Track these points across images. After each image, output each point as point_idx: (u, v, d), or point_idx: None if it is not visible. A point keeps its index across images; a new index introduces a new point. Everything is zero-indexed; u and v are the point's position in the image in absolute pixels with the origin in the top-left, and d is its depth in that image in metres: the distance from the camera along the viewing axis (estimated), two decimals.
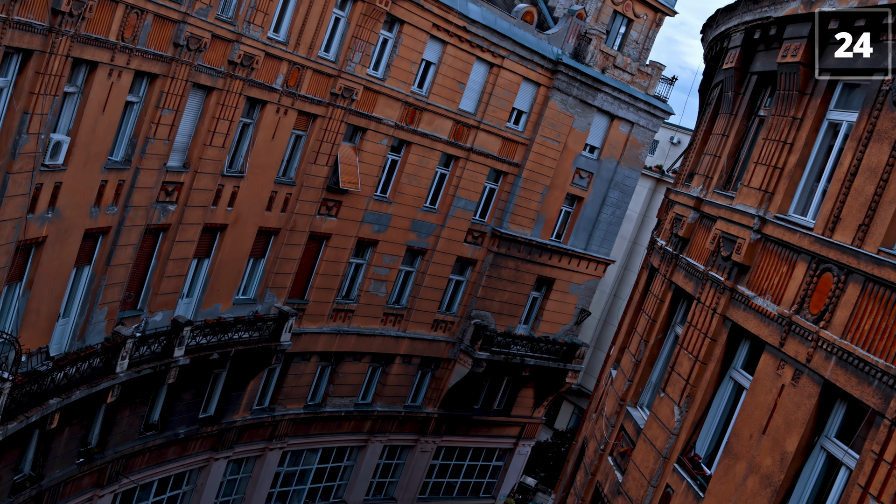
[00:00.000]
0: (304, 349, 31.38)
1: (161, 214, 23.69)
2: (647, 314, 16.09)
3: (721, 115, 15.80)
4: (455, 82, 32.29)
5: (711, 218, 14.47)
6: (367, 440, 35.57)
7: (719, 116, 15.93)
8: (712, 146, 15.65)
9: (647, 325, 15.82)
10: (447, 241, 34.57)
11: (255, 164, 26.51)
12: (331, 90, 27.87)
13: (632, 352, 16.19)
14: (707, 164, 15.60)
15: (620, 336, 18.90)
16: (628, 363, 16.24)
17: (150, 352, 23.82)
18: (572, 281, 39.02)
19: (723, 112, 15.72)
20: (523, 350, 37.17)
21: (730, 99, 15.46)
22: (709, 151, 15.76)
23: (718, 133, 15.59)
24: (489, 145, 34.27)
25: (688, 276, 14.74)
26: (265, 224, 27.87)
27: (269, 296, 29.17)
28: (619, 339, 19.19)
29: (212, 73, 23.48)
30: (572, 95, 35.56)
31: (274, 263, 28.84)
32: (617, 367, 18.24)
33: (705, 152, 15.97)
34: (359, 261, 32.47)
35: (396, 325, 34.56)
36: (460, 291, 36.29)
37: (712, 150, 15.58)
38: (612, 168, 38.34)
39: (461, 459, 39.66)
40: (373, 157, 30.78)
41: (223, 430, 29.63)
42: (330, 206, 30.10)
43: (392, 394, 35.62)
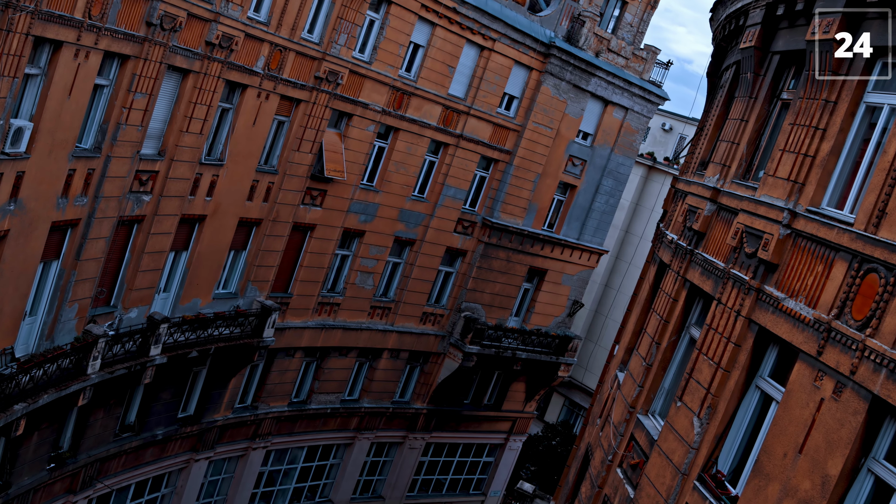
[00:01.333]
0: (288, 344, 30.10)
1: (135, 205, 22.32)
2: (658, 314, 14.90)
3: (738, 98, 14.58)
4: (444, 66, 30.97)
5: (731, 211, 13.27)
6: (354, 437, 34.36)
7: (736, 100, 14.71)
8: (729, 132, 14.44)
9: (659, 326, 14.63)
10: (436, 231, 33.32)
11: (235, 152, 25.15)
12: (315, 74, 26.50)
13: (642, 355, 15.00)
14: (724, 151, 14.39)
15: (626, 335, 17.71)
16: (638, 367, 15.05)
17: (124, 351, 22.49)
18: (565, 272, 37.85)
19: (740, 95, 14.50)
20: (515, 343, 36.01)
21: (748, 81, 14.24)
22: (725, 138, 14.54)
23: (736, 118, 14.38)
24: (480, 132, 32.99)
25: (705, 274, 13.54)
26: (246, 214, 26.53)
27: (251, 289, 27.85)
28: (624, 338, 17.99)
29: (188, 54, 22.10)
30: (565, 80, 34.30)
31: (256, 256, 27.52)
32: (624, 369, 17.06)
33: (721, 139, 14.75)
34: (345, 252, 31.18)
35: (384, 319, 33.31)
36: (450, 283, 35.08)
37: (729, 137, 14.36)
38: (606, 155, 37.13)
39: (451, 456, 38.52)
40: (359, 143, 29.45)
41: (204, 429, 28.35)
42: (314, 195, 28.77)
43: (379, 389, 34.40)
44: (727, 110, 16.37)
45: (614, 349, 19.82)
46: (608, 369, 19.65)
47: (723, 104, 16.35)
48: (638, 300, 17.81)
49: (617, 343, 19.89)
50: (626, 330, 17.84)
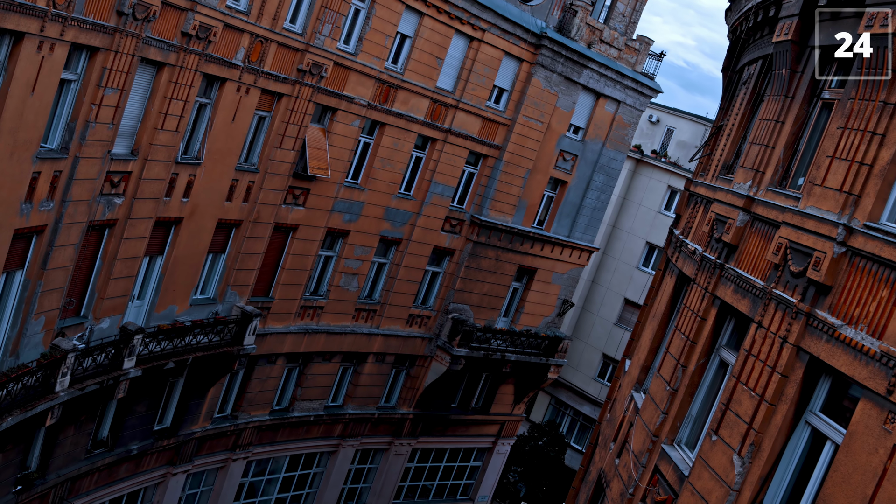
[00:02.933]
0: (269, 351, 28.65)
1: (106, 209, 20.77)
2: (682, 333, 13.62)
3: (771, 97, 13.30)
4: (432, 58, 29.55)
5: (770, 223, 12.00)
6: (338, 445, 32.99)
7: (768, 98, 13.43)
8: (762, 134, 13.16)
9: (685, 346, 13.36)
10: (423, 229, 31.95)
11: (213, 150, 23.64)
12: (297, 66, 25.02)
13: (664, 377, 13.73)
14: (756, 155, 13.11)
15: (641, 351, 16.42)
16: (660, 391, 13.78)
17: (95, 365, 20.97)
18: (555, 270, 36.61)
19: (773, 94, 13.22)
20: (504, 345, 34.77)
21: (784, 78, 12.96)
22: (757, 140, 13.26)
23: (770, 119, 13.10)
24: (468, 126, 31.62)
25: (739, 292, 12.28)
26: (225, 216, 25.03)
27: (231, 294, 26.37)
28: (638, 354, 16.71)
29: (163, 46, 20.56)
30: (557, 72, 32.98)
31: (235, 259, 26.03)
32: (639, 389, 15.79)
33: (751, 141, 13.47)
34: (328, 253, 29.74)
35: (369, 322, 31.92)
36: (437, 284, 33.74)
37: (762, 139, 13.09)
38: (598, 150, 35.89)
39: (437, 461, 37.26)
40: (343, 139, 28.00)
41: (181, 442, 26.87)
42: (297, 194, 27.31)
43: (364, 395, 33.03)
44: (753, 109, 15.11)
45: (624, 364, 18.53)
46: (617, 386, 18.37)
47: (748, 102, 15.07)
48: (653, 313, 16.53)
49: (627, 357, 18.61)
50: (641, 346, 16.57)
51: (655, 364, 15.70)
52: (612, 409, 17.52)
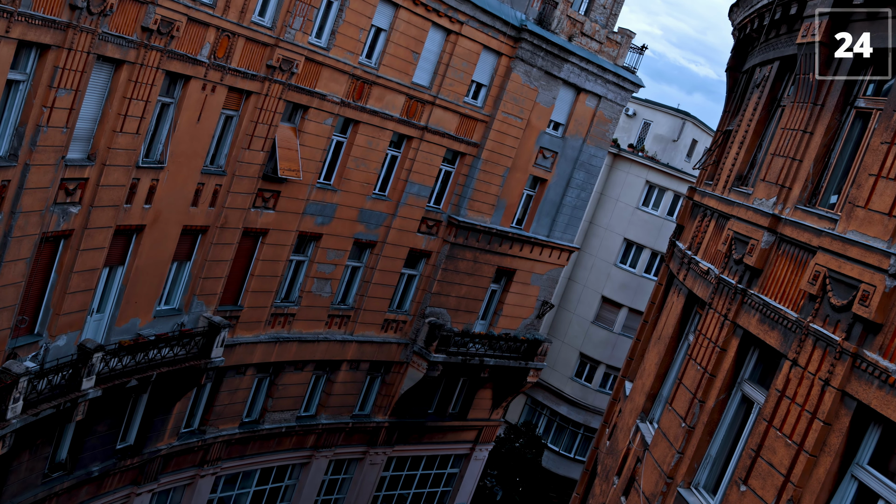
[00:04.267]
0: (238, 361, 27.17)
1: (61, 219, 19.19)
2: (698, 363, 12.40)
3: (796, 103, 12.08)
4: (408, 52, 28.13)
5: (803, 247, 10.80)
6: (311, 456, 31.60)
7: (792, 105, 12.21)
8: (787, 145, 11.95)
9: (703, 379, 12.13)
10: (399, 231, 30.58)
11: (177, 153, 22.10)
12: (267, 62, 23.52)
13: (678, 412, 12.51)
14: (780, 168, 11.90)
15: (645, 376, 15.19)
16: (674, 426, 12.57)
17: (51, 387, 19.41)
18: (534, 271, 35.42)
19: (799, 100, 12.00)
20: (482, 349, 33.55)
21: (811, 84, 11.74)
22: (780, 152, 12.05)
23: (795, 128, 11.89)
24: (445, 123, 30.25)
25: (767, 323, 11.07)
26: (191, 222, 23.50)
27: (197, 304, 24.86)
28: (642, 379, 15.47)
29: (121, 42, 18.98)
30: (537, 66, 31.69)
31: (202, 267, 24.50)
32: (645, 419, 14.57)
33: (773, 152, 12.25)
34: (300, 258, 28.28)
35: (343, 328, 30.52)
36: (413, 287, 32.39)
37: (788, 151, 11.87)
38: (578, 146, 34.68)
39: (414, 469, 36.00)
40: (316, 139, 26.53)
41: (146, 460, 25.35)
42: (266, 197, 25.82)
43: (338, 404, 31.65)
44: (769, 115, 13.91)
45: (623, 387, 17.28)
46: (617, 411, 17.12)
47: (764, 107, 13.86)
48: (658, 334, 15.30)
49: (626, 379, 17.37)
50: (645, 370, 15.33)
51: (664, 393, 14.50)
52: (612, 436, 16.30)
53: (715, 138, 17.04)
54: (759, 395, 11.21)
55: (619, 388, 17.65)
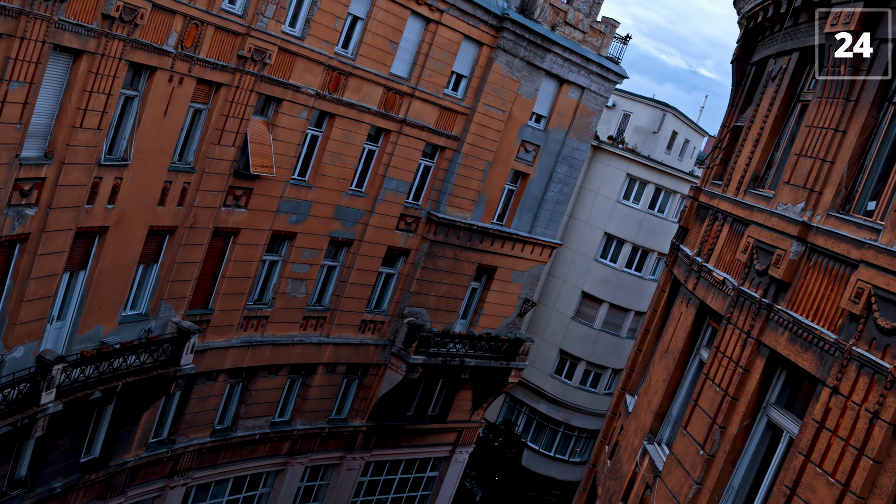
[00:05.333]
0: (209, 367, 25.85)
1: (16, 222, 17.78)
2: (717, 385, 11.31)
3: (825, 99, 10.99)
4: (386, 41, 26.85)
5: (841, 260, 9.74)
6: (286, 463, 30.35)
7: (820, 101, 11.11)
8: (815, 145, 10.87)
9: (722, 403, 11.05)
10: (376, 229, 29.33)
11: (142, 149, 20.72)
12: (238, 52, 22.18)
13: (695, 438, 11.43)
14: (808, 171, 10.82)
15: (651, 393, 14.08)
16: (691, 454, 11.49)
17: (6, 402, 18.02)
18: (515, 268, 34.32)
19: (829, 96, 10.92)
20: (463, 350, 32.43)
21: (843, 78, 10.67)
22: (808, 152, 10.97)
23: (824, 126, 10.81)
24: (425, 116, 29.02)
25: (799, 343, 10.00)
26: (157, 222, 22.14)
27: (165, 309, 23.50)
28: (646, 393, 14.37)
29: (80, 31, 17.58)
30: (519, 56, 30.52)
31: (170, 269, 23.15)
32: (653, 441, 13.48)
33: (802, 153, 11.17)
34: (273, 257, 26.98)
35: (318, 330, 29.25)
36: (391, 286, 31.17)
37: (817, 152, 10.79)
38: (561, 139, 33.58)
39: (392, 473, 34.85)
40: (289, 133, 25.22)
41: (112, 473, 24.00)
42: (238, 195, 24.49)
43: (314, 408, 30.41)
44: (786, 110, 12.82)
45: (624, 401, 16.17)
46: (619, 427, 16.02)
47: (782, 102, 12.77)
48: (664, 346, 14.20)
49: (627, 392, 16.27)
50: (651, 386, 14.23)
51: (673, 412, 13.42)
52: (614, 456, 15.21)
53: (721, 135, 15.96)
54: (791, 423, 10.14)
55: (618, 401, 16.55)
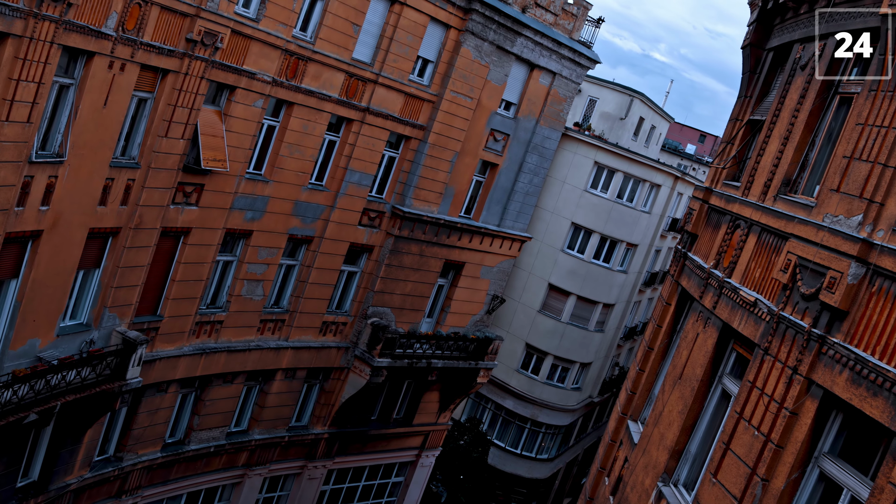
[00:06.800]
0: (159, 378, 23.83)
1: None
2: (755, 428, 9.69)
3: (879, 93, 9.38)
4: (348, 24, 24.89)
5: None
6: (244, 474, 28.44)
7: (875, 94, 9.51)
8: (871, 148, 9.25)
9: (764, 450, 9.43)
10: (338, 225, 27.43)
11: (79, 144, 18.60)
12: (186, 35, 20.11)
13: (728, 489, 9.79)
14: (867, 178, 9.20)
15: (665, 425, 12.43)
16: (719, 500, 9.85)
17: None
18: (484, 264, 32.66)
19: (886, 88, 9.30)
20: (429, 350, 30.72)
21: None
22: (863, 155, 9.34)
23: (883, 125, 9.20)
24: (389, 104, 27.13)
25: (863, 385, 8.39)
26: (98, 224, 20.04)
27: (109, 317, 21.43)
28: (658, 425, 12.71)
29: (4, 11, 15.45)
30: (488, 40, 28.72)
31: (113, 274, 21.06)
32: (668, 482, 11.83)
33: (851, 155, 9.55)
34: (228, 257, 24.99)
35: (277, 334, 27.33)
36: (353, 285, 29.32)
37: (873, 155, 9.17)
38: (531, 128, 31.90)
39: (356, 481, 33.11)
40: (244, 123, 23.21)
41: (53, 497, 21.91)
42: (188, 191, 22.46)
43: (273, 416, 28.50)
44: (822, 104, 11.20)
45: (625, 427, 14.51)
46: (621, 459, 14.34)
47: (818, 95, 11.14)
48: (680, 374, 12.52)
49: (630, 418, 14.61)
50: (663, 418, 12.58)
51: (691, 449, 11.79)
52: (619, 494, 13.53)
53: (732, 129, 14.34)
54: (853, 480, 8.54)
55: (619, 428, 14.91)
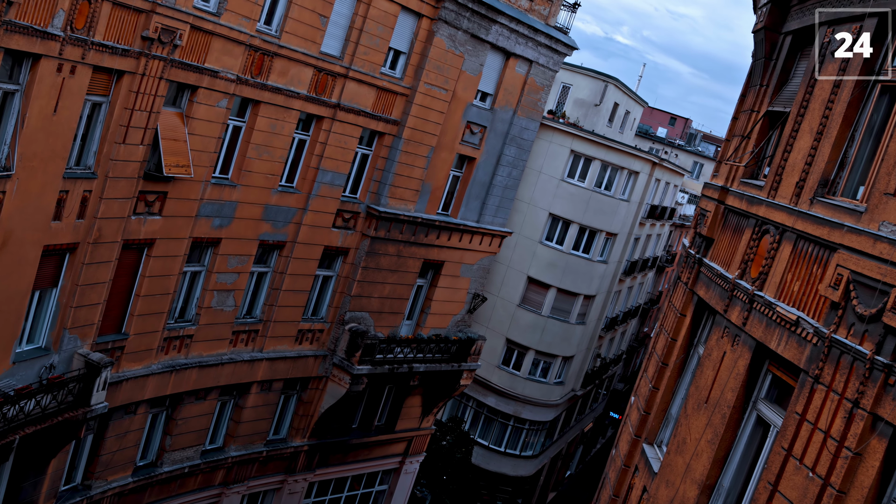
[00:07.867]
0: (127, 400, 22.34)
1: None
2: (809, 469, 8.49)
3: None
4: (315, 16, 23.43)
5: None
6: (221, 494, 27.02)
7: None
8: None
9: (823, 496, 8.23)
10: (311, 228, 26.02)
11: (28, 155, 17.04)
12: (142, 33, 18.58)
13: None
14: None
15: (690, 453, 11.22)
16: None
17: None
18: (464, 262, 31.40)
19: None
20: (410, 354, 29.45)
21: None
22: None
23: None
24: (361, 99, 25.72)
25: None
26: (54, 240, 18.50)
27: (70, 339, 19.90)
28: (681, 452, 11.50)
29: None
30: (462, 29, 27.38)
31: (72, 293, 19.52)
32: None
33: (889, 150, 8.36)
34: (196, 268, 23.52)
35: (250, 345, 25.91)
36: (329, 290, 27.94)
37: None
38: (508, 119, 30.63)
39: (338, 492, 31.81)
40: (208, 125, 21.71)
41: None
42: (150, 200, 20.95)
43: (249, 431, 27.07)
44: (861, 95, 10.00)
45: (640, 452, 13.30)
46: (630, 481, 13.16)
47: (856, 86, 9.94)
48: (706, 398, 11.29)
49: (644, 441, 13.41)
50: (688, 446, 11.37)
51: (724, 482, 10.58)
52: None
53: (746, 121, 13.12)
54: None
55: (633, 452, 13.70)
